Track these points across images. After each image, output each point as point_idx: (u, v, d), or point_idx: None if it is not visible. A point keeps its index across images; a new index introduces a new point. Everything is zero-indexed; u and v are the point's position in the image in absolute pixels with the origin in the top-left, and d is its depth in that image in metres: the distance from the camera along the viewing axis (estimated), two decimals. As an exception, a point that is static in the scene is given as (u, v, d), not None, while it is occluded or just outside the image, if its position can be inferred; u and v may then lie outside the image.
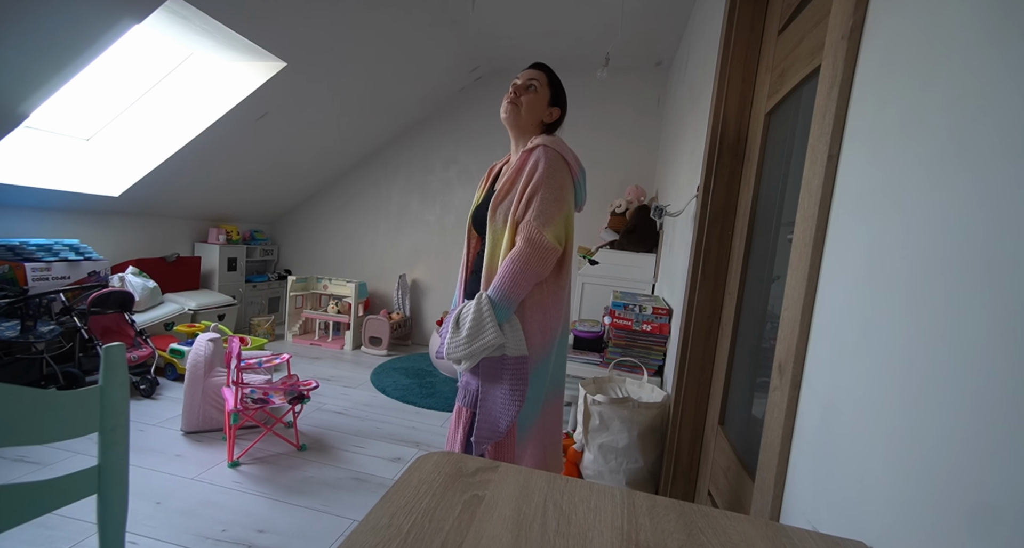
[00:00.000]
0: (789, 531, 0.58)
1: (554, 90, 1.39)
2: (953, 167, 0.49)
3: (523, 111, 1.35)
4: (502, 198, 1.31)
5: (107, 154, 3.00)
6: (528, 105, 1.35)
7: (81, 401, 0.66)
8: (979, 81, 0.46)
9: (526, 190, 1.26)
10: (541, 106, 1.37)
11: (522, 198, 1.26)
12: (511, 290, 1.22)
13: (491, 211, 1.30)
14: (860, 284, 0.63)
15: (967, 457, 0.43)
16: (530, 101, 1.35)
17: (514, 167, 1.32)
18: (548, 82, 1.38)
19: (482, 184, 1.47)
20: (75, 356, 2.64)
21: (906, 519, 0.50)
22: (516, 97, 1.35)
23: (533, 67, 1.39)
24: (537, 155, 1.29)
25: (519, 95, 1.35)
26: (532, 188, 1.26)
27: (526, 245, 1.23)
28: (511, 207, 1.28)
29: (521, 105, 1.35)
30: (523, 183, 1.27)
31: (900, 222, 0.57)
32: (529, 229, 1.24)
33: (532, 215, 1.24)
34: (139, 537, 1.56)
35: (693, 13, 2.60)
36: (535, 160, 1.28)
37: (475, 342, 1.21)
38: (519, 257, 1.23)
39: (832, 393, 0.67)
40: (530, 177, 1.27)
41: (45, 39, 1.94)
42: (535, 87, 1.36)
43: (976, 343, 0.43)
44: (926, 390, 0.49)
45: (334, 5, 2.50)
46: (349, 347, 4.07)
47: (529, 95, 1.36)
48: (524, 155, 1.31)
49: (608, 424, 1.81)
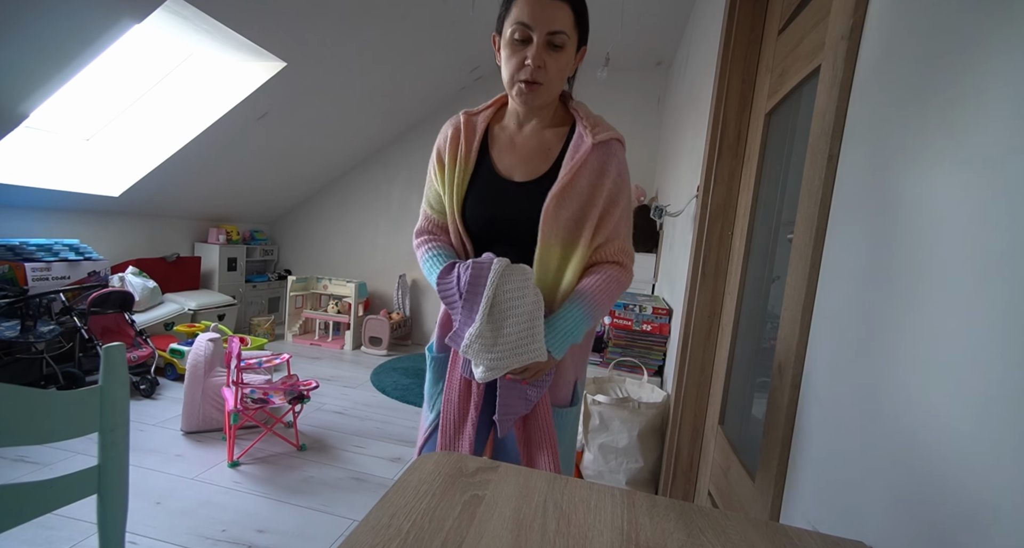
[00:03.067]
0: (789, 531, 0.57)
1: (582, 29, 0.91)
2: (953, 167, 0.49)
3: (551, 87, 0.89)
4: (575, 204, 0.91)
5: (107, 154, 3.00)
6: (558, 73, 0.88)
7: (81, 401, 0.66)
8: (979, 81, 0.46)
9: (611, 206, 0.93)
10: (570, 65, 0.91)
11: (606, 215, 0.94)
12: (601, 313, 0.94)
13: (552, 213, 0.89)
14: (860, 284, 0.63)
15: (967, 457, 0.43)
16: (560, 67, 0.88)
17: (580, 162, 0.90)
18: (576, 22, 0.88)
19: (457, 159, 0.96)
20: (75, 356, 2.64)
21: (906, 519, 0.50)
22: (541, 70, 0.86)
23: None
24: (618, 159, 0.94)
25: (543, 64, 0.86)
26: (623, 206, 0.96)
27: (627, 274, 0.97)
28: (587, 220, 0.92)
29: (547, 81, 0.87)
30: (607, 196, 0.92)
31: (900, 222, 0.57)
32: (629, 257, 0.98)
33: (626, 240, 0.98)
34: (139, 537, 1.55)
35: (693, 13, 2.60)
36: (618, 168, 0.94)
37: (521, 355, 0.85)
38: (620, 284, 0.95)
39: (832, 393, 0.67)
40: (617, 189, 0.93)
41: (45, 39, 1.94)
42: (564, 42, 0.86)
43: (976, 342, 0.43)
44: (926, 390, 0.49)
45: (334, 5, 2.50)
46: (349, 347, 4.07)
47: (557, 57, 0.87)
48: (594, 151, 0.91)
49: (608, 424, 1.81)
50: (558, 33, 0.84)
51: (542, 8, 0.83)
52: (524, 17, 0.84)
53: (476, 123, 0.98)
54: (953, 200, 0.48)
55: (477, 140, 0.96)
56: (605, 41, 2.99)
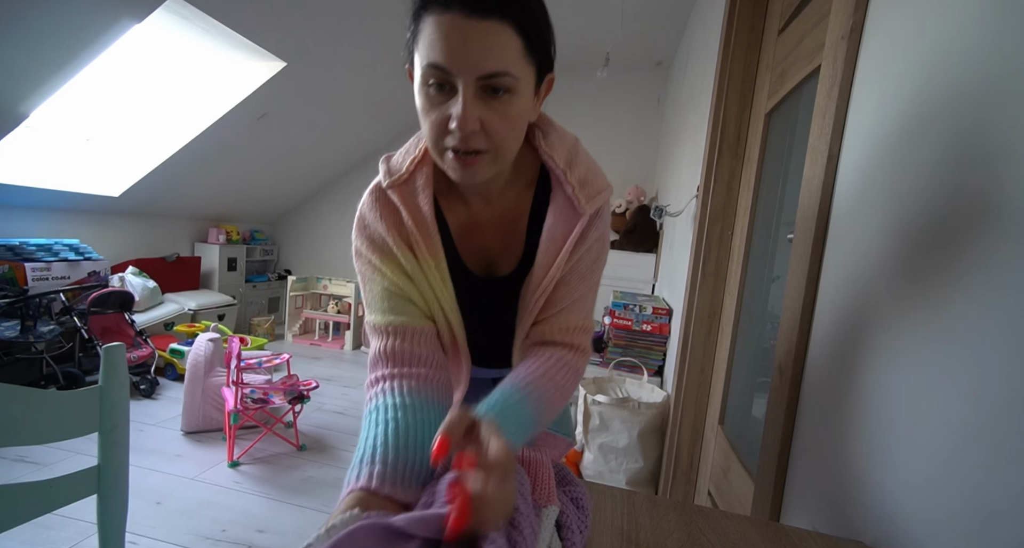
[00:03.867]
0: (789, 531, 0.58)
1: (539, 53, 0.54)
2: (953, 167, 0.49)
3: (501, 152, 0.55)
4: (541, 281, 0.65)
5: (107, 154, 3.00)
6: (508, 131, 0.54)
7: (81, 401, 0.66)
8: (979, 81, 0.46)
9: (581, 279, 0.67)
10: (528, 110, 0.56)
11: (573, 287, 0.67)
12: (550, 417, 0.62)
13: (532, 302, 0.66)
14: (860, 284, 0.63)
15: (967, 456, 0.43)
16: (510, 120, 0.54)
17: (570, 249, 0.64)
18: (527, 47, 0.51)
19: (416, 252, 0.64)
20: (75, 356, 2.64)
21: (906, 519, 0.50)
22: (478, 134, 0.52)
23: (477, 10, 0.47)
24: (603, 224, 0.67)
25: (480, 125, 0.52)
26: (598, 277, 0.70)
27: (585, 359, 0.68)
28: (541, 290, 0.65)
29: (492, 146, 0.54)
30: (580, 266, 0.66)
31: (900, 222, 0.57)
32: (588, 335, 0.69)
33: (585, 315, 0.69)
34: (139, 537, 1.55)
35: (693, 13, 2.60)
36: (600, 232, 0.67)
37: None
38: (577, 375, 0.66)
39: (832, 393, 0.67)
40: (594, 257, 0.67)
41: (45, 39, 1.94)
42: (512, 85, 0.51)
43: (977, 342, 0.43)
44: (926, 390, 0.49)
45: (334, 5, 2.50)
46: (349, 347, 4.07)
47: (504, 106, 0.52)
48: (568, 216, 0.64)
49: (608, 424, 1.81)
50: (497, 76, 0.49)
51: (464, 39, 0.47)
52: (437, 56, 0.49)
53: (418, 201, 0.63)
54: (953, 200, 0.48)
55: (432, 228, 0.62)
56: (605, 41, 2.99)
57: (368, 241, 0.65)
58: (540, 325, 0.67)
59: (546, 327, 0.66)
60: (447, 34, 0.48)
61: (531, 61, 0.52)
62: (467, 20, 0.47)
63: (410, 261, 0.63)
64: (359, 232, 0.66)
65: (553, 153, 0.63)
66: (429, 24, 0.49)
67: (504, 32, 0.48)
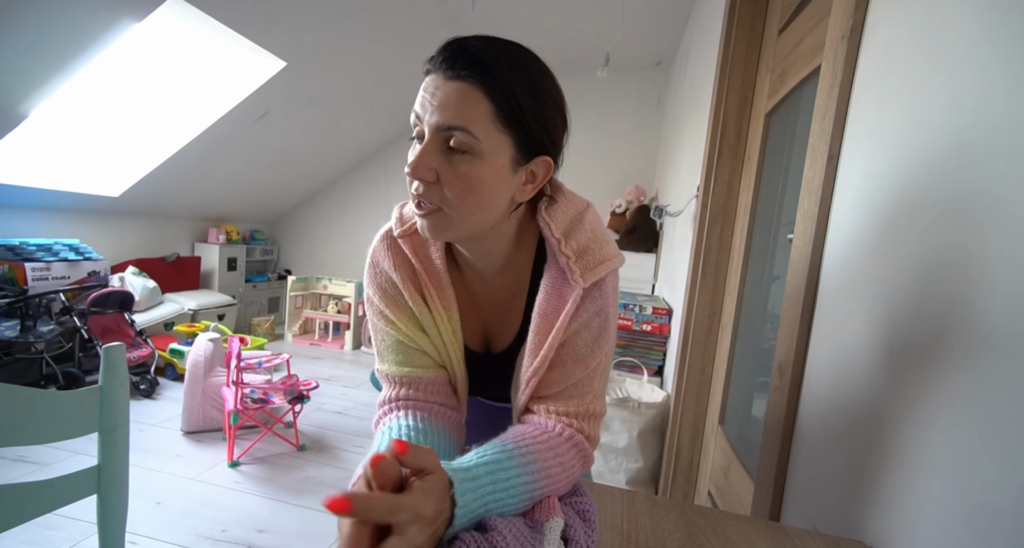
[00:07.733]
0: (789, 531, 0.58)
1: (516, 129, 0.51)
2: (953, 166, 0.49)
3: (460, 216, 0.53)
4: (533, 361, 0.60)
5: (107, 154, 3.00)
6: (465, 193, 0.52)
7: (81, 401, 0.66)
8: (979, 81, 0.46)
9: (587, 356, 0.60)
10: (499, 181, 0.53)
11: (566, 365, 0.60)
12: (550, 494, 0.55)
13: (524, 383, 0.61)
14: (860, 284, 0.63)
15: (967, 457, 0.43)
16: (468, 183, 0.51)
17: (562, 327, 0.58)
18: (500, 115, 0.50)
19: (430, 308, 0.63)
20: (75, 356, 2.64)
21: (906, 519, 0.50)
22: (433, 187, 0.53)
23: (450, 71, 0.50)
24: (602, 298, 0.61)
25: (435, 176, 0.52)
26: (606, 352, 0.62)
27: (586, 462, 0.59)
28: (532, 372, 0.60)
29: (445, 203, 0.53)
30: (583, 343, 0.60)
31: (900, 222, 0.57)
32: (591, 423, 0.60)
33: (589, 400, 0.61)
34: (139, 537, 1.55)
35: (693, 13, 2.60)
36: (598, 309, 0.61)
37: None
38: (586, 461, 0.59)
39: (832, 393, 0.67)
40: (598, 333, 0.61)
41: (45, 39, 1.94)
42: (470, 145, 0.50)
43: (977, 342, 0.43)
44: (926, 390, 0.49)
45: (334, 5, 2.50)
46: (349, 347, 4.07)
47: (460, 165, 0.51)
48: (582, 300, 0.59)
49: (608, 424, 1.81)
50: (454, 129, 0.49)
51: (436, 93, 0.50)
52: (416, 105, 0.52)
53: (430, 252, 0.63)
54: (953, 200, 0.48)
55: (445, 280, 0.63)
56: (605, 41, 2.99)
57: (381, 292, 0.65)
58: (534, 409, 0.61)
59: (541, 409, 0.60)
60: (427, 88, 0.51)
61: (504, 130, 0.51)
62: (444, 79, 0.50)
63: (424, 313, 0.63)
64: (371, 280, 0.66)
65: (551, 220, 0.59)
66: (423, 82, 0.52)
67: (472, 93, 0.49)
